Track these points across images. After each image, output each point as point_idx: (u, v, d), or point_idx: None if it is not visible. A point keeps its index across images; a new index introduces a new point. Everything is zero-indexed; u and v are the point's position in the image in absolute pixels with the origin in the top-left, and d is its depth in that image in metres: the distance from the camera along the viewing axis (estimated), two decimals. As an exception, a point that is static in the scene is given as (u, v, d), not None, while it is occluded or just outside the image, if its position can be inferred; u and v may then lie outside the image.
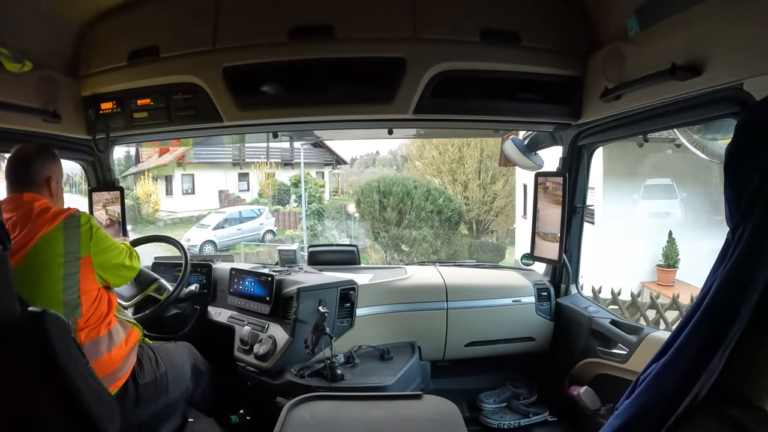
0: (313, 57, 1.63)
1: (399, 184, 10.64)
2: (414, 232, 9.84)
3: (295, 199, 14.23)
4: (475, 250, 11.75)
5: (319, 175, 16.41)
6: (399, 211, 10.04)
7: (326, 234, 12.38)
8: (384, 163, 19.95)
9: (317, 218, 13.30)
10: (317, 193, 14.06)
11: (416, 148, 15.45)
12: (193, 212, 14.70)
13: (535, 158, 2.26)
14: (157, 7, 1.72)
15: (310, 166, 15.47)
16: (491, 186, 13.67)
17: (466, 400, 2.17)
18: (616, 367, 1.76)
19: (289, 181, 14.76)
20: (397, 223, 9.96)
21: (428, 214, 10.00)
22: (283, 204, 14.57)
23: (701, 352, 0.99)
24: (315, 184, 14.51)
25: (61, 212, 1.41)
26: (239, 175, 15.93)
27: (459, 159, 13.74)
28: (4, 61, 1.46)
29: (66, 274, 1.36)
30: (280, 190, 14.90)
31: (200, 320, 2.12)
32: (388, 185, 10.66)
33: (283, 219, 13.97)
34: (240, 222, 13.44)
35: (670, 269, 6.88)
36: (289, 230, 13.24)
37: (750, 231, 0.94)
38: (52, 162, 1.52)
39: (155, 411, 1.58)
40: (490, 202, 13.70)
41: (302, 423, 1.21)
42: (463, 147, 13.60)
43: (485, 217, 13.82)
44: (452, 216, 10.47)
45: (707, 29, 1.13)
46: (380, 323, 2.06)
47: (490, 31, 1.62)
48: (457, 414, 1.26)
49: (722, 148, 3.92)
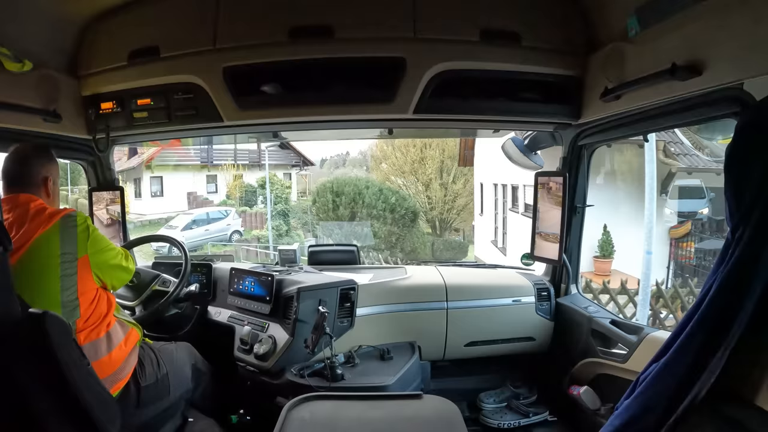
0: (313, 57, 1.63)
1: (351, 185, 11.44)
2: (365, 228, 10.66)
3: (262, 200, 14.50)
4: (438, 248, 12.25)
5: (287, 176, 16.73)
6: (351, 209, 10.83)
7: (291, 233, 12.91)
8: (354, 163, 20.22)
9: (283, 218, 13.69)
10: (283, 194, 14.44)
11: (380, 150, 15.92)
12: (161, 214, 14.83)
13: (535, 158, 2.26)
14: (157, 7, 1.72)
15: (277, 168, 15.80)
16: (452, 185, 14.34)
17: (466, 400, 2.17)
18: (616, 367, 1.76)
19: (256, 182, 15.02)
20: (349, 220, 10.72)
21: (379, 212, 10.77)
22: (250, 205, 14.87)
23: (701, 352, 0.99)
24: (281, 186, 14.86)
25: (58, 213, 1.41)
26: (207, 177, 16.12)
27: (420, 160, 14.40)
28: (4, 60, 1.45)
29: (63, 275, 1.36)
30: (247, 192, 15.18)
31: (200, 320, 2.12)
32: (341, 186, 11.51)
33: (250, 220, 14.29)
34: (208, 223, 13.73)
35: (606, 259, 7.35)
36: (255, 230, 13.56)
37: (750, 231, 0.94)
38: (48, 162, 1.51)
39: (156, 412, 1.58)
40: (452, 201, 14.37)
41: (302, 423, 1.21)
42: (425, 148, 14.19)
43: (448, 215, 14.48)
44: (406, 214, 11.24)
45: (707, 29, 1.12)
46: (380, 323, 2.06)
47: (490, 31, 1.62)
48: (457, 414, 1.26)
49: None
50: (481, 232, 12.40)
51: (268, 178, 13.70)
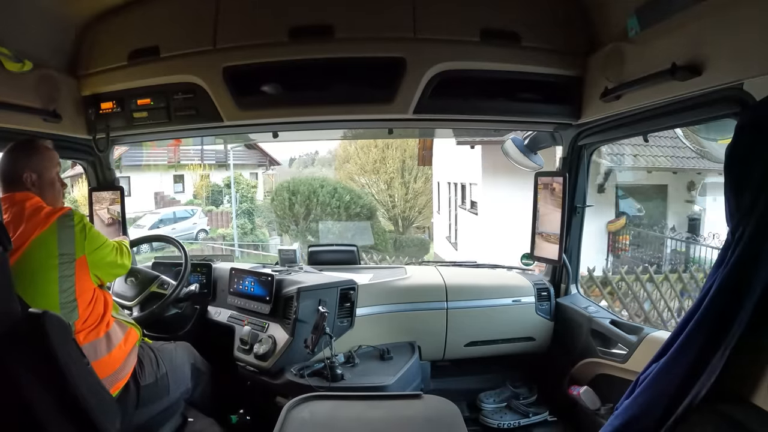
0: (314, 57, 1.63)
1: (306, 184, 12.12)
2: (320, 224, 11.40)
3: (228, 199, 14.77)
4: (401, 245, 12.87)
5: (253, 176, 16.90)
6: (306, 206, 11.53)
7: (256, 232, 13.36)
8: (323, 162, 20.49)
9: (248, 217, 14.03)
10: (249, 193, 14.75)
11: (343, 150, 16.40)
12: (130, 214, 14.76)
13: (535, 158, 2.26)
14: (157, 7, 1.72)
15: (243, 168, 16.00)
16: (413, 184, 14.97)
17: (466, 400, 2.17)
18: (616, 367, 1.76)
19: (222, 182, 15.28)
20: (304, 217, 11.46)
21: (333, 209, 11.40)
22: (216, 205, 15.08)
23: (701, 352, 0.99)
24: (247, 185, 15.13)
25: (54, 212, 1.39)
26: (174, 177, 16.18)
27: (382, 159, 15.00)
28: (4, 61, 1.45)
29: (62, 276, 1.35)
30: (213, 191, 15.40)
31: (200, 320, 2.12)
32: (297, 185, 12.19)
33: (216, 218, 14.51)
34: (174, 222, 13.89)
35: None
36: (221, 229, 13.83)
37: (750, 231, 0.95)
38: (28, 157, 1.46)
39: (156, 412, 1.58)
40: (413, 199, 15.01)
41: (302, 423, 1.21)
42: (386, 148, 14.74)
43: (410, 213, 15.14)
44: (361, 211, 11.85)
45: (707, 29, 1.12)
46: (380, 323, 2.06)
47: (490, 31, 1.62)
48: (457, 414, 1.26)
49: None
50: (438, 229, 13.03)
51: (233, 178, 14.05)
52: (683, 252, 7.86)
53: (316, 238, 10.77)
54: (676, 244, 8.08)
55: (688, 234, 8.30)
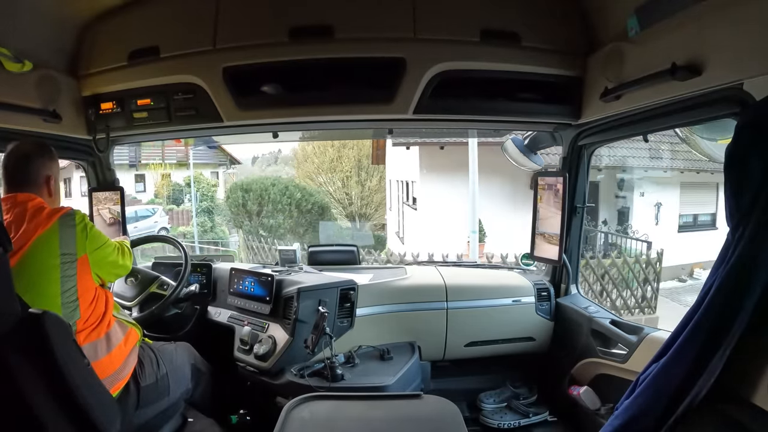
0: (314, 57, 1.63)
1: (258, 183, 12.84)
2: (271, 221, 12.20)
3: (189, 198, 15.05)
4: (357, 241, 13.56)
5: (214, 174, 17.17)
6: (258, 204, 12.27)
7: (216, 230, 13.87)
8: (286, 161, 20.82)
9: (208, 215, 14.43)
10: (209, 192, 15.13)
11: (301, 149, 16.95)
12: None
13: (535, 158, 2.26)
14: (157, 7, 1.72)
15: (204, 167, 16.31)
16: (368, 182, 15.57)
17: (466, 400, 2.17)
18: (616, 367, 1.76)
19: (183, 181, 15.54)
20: (257, 214, 12.23)
21: (284, 206, 12.26)
22: (177, 203, 15.33)
23: (701, 352, 0.99)
24: (208, 184, 15.47)
25: (56, 212, 1.40)
26: (136, 176, 16.27)
27: (338, 158, 15.56)
28: (4, 61, 1.45)
29: (63, 276, 1.35)
30: (174, 190, 15.68)
31: (200, 320, 2.12)
32: (249, 184, 12.93)
33: (177, 217, 14.75)
34: (136, 220, 14.03)
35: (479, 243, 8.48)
36: (182, 227, 14.13)
37: (750, 231, 0.95)
38: (50, 161, 1.51)
39: (156, 412, 1.58)
40: (369, 197, 15.60)
41: (302, 423, 1.21)
42: (342, 148, 15.31)
43: (366, 210, 15.69)
44: (313, 208, 12.63)
45: (707, 29, 1.12)
46: (380, 323, 2.06)
47: (490, 31, 1.62)
48: (457, 414, 1.26)
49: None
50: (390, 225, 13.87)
51: (193, 177, 14.42)
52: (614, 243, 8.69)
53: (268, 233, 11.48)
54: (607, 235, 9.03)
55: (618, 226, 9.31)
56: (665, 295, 8.02)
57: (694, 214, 10.10)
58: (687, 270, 9.33)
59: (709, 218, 10.16)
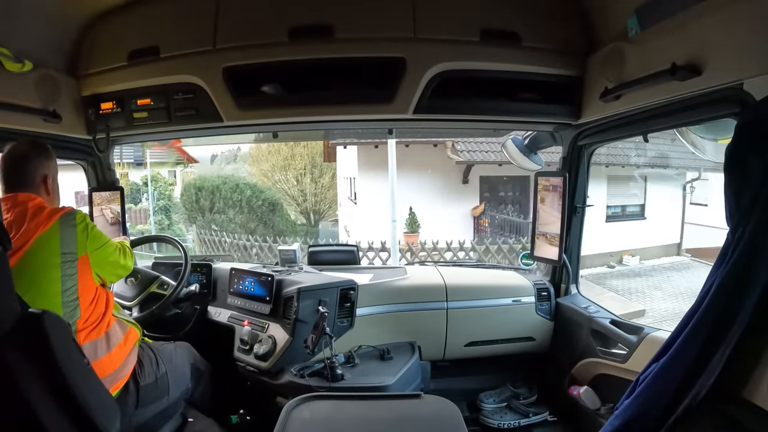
0: (314, 57, 1.63)
1: (210, 181, 13.51)
2: (222, 216, 12.84)
3: (146, 197, 15.18)
4: (312, 237, 14.03)
5: (171, 173, 17.35)
6: (210, 200, 12.97)
7: (173, 227, 14.24)
8: (245, 159, 20.84)
9: (165, 214, 14.68)
10: (167, 191, 15.42)
11: (257, 148, 17.16)
12: None
13: (535, 158, 2.26)
14: (157, 7, 1.72)
15: (162, 166, 16.45)
16: (321, 179, 16.02)
17: (466, 400, 2.17)
18: (616, 367, 1.76)
19: (141, 180, 15.67)
20: (210, 210, 12.96)
21: (235, 203, 12.94)
22: (135, 202, 15.40)
23: (701, 352, 0.99)
24: (165, 183, 15.70)
25: (56, 212, 1.40)
26: None
27: (291, 156, 15.94)
28: (4, 61, 1.45)
29: (64, 275, 1.35)
30: (132, 189, 15.77)
31: (200, 320, 2.12)
32: (202, 182, 13.60)
33: (135, 215, 14.88)
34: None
35: (413, 234, 9.52)
36: (140, 225, 14.35)
37: (750, 231, 0.95)
38: (47, 160, 1.50)
39: (155, 412, 1.58)
40: (322, 194, 16.06)
41: (302, 423, 1.21)
42: (295, 146, 15.68)
43: (320, 206, 16.16)
44: (263, 204, 13.28)
45: (707, 29, 1.12)
46: (380, 323, 2.06)
47: (490, 31, 1.62)
48: (457, 414, 1.26)
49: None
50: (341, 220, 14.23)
51: (150, 176, 14.64)
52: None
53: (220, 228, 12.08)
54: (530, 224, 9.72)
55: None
56: (592, 280, 8.79)
57: (622, 205, 10.65)
58: (616, 257, 10.04)
59: (638, 209, 10.86)
